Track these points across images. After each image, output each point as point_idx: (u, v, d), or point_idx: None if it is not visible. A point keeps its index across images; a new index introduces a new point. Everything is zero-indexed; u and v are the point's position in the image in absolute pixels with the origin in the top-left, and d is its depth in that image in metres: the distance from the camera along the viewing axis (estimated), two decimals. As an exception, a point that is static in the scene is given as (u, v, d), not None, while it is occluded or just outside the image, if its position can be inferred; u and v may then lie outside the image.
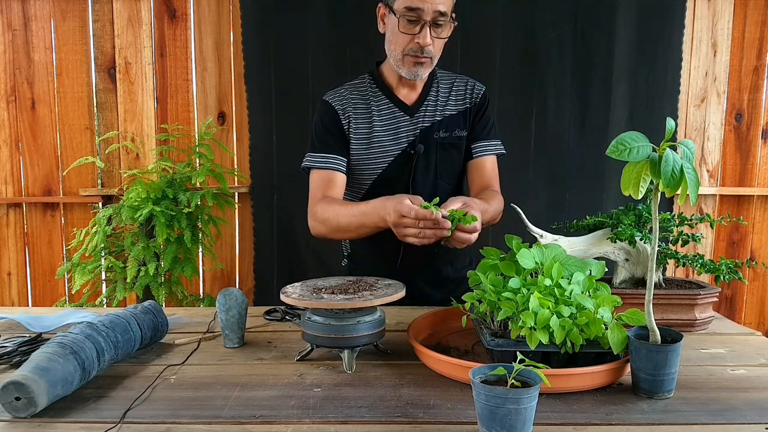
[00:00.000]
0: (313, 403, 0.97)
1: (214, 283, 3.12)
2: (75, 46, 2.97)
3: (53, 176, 3.04)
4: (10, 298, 3.13)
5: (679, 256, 1.35)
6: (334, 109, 1.62)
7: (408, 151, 1.61)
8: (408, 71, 1.55)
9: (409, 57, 1.52)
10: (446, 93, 1.65)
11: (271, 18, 2.84)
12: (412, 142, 1.61)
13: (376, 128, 1.61)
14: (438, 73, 1.68)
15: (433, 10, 1.46)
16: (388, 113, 1.62)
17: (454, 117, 1.64)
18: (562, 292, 1.07)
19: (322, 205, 1.54)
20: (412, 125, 1.62)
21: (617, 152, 0.89)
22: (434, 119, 1.62)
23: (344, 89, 1.66)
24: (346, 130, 1.62)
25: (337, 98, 1.64)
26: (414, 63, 1.53)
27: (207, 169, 2.65)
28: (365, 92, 1.64)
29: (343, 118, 1.62)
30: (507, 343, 1.05)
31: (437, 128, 1.62)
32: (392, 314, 1.44)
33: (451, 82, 1.68)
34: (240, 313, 1.25)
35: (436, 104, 1.63)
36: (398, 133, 1.61)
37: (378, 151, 1.61)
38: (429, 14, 1.46)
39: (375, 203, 1.38)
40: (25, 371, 0.92)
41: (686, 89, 2.94)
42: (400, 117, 1.62)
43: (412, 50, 1.51)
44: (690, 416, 0.92)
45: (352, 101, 1.63)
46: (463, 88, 1.67)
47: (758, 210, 3.06)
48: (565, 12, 2.82)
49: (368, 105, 1.63)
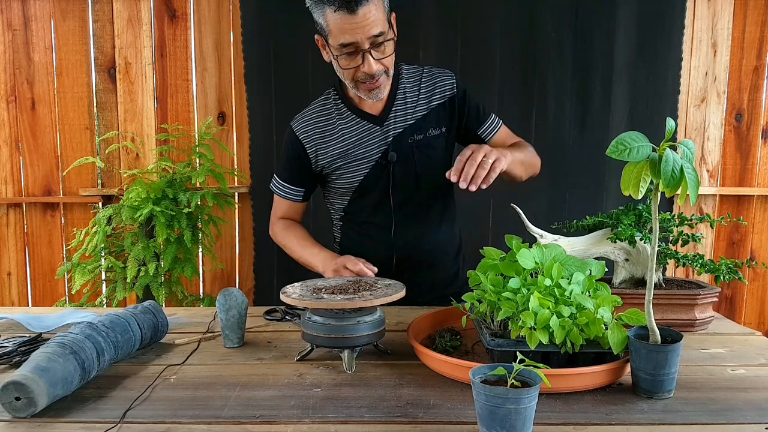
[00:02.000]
0: (313, 403, 0.97)
1: (214, 283, 3.12)
2: (75, 46, 2.97)
3: (53, 176, 3.04)
4: (10, 298, 3.13)
5: (679, 256, 1.35)
6: (298, 139, 1.60)
7: (381, 162, 1.58)
8: (366, 95, 1.50)
9: (362, 83, 1.47)
10: (414, 93, 1.59)
11: (271, 18, 2.84)
12: (385, 151, 1.57)
13: (347, 143, 1.58)
14: (402, 72, 1.61)
15: (368, 38, 1.37)
16: (357, 127, 1.58)
17: (427, 116, 1.59)
18: (562, 292, 1.07)
19: (280, 227, 1.72)
20: (383, 134, 1.57)
21: (617, 152, 0.89)
22: (405, 123, 1.58)
23: (310, 110, 1.63)
24: (312, 158, 1.61)
25: (302, 125, 1.61)
26: (369, 89, 1.48)
27: (207, 169, 2.65)
28: (330, 110, 1.61)
29: (308, 147, 1.60)
30: (507, 343, 1.05)
31: (410, 132, 1.58)
32: (392, 314, 1.44)
33: (418, 79, 1.61)
34: (240, 313, 1.25)
35: (405, 107, 1.58)
36: (370, 144, 1.58)
37: (352, 164, 1.59)
38: (365, 43, 1.38)
39: (318, 259, 1.57)
40: (25, 371, 0.92)
41: (686, 89, 2.94)
42: (370, 128, 1.58)
43: (361, 78, 1.46)
44: (690, 416, 0.92)
45: (318, 125, 1.60)
46: (431, 83, 1.60)
47: (758, 210, 3.06)
48: (565, 12, 2.82)
49: (335, 124, 1.59)
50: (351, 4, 1.32)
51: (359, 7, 1.33)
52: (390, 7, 1.44)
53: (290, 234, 1.69)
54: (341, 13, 1.34)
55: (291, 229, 1.70)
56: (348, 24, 1.35)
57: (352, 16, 1.34)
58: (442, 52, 2.85)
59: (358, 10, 1.33)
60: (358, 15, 1.34)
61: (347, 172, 1.61)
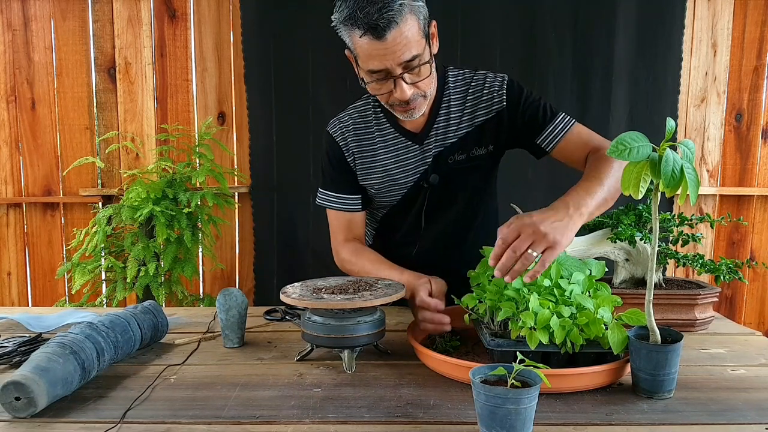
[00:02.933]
0: (313, 403, 0.97)
1: (214, 283, 3.12)
2: (75, 46, 2.97)
3: (53, 176, 3.04)
4: (10, 298, 3.13)
5: (679, 256, 1.35)
6: (337, 144, 1.46)
7: (420, 184, 1.44)
8: (402, 116, 1.34)
9: (397, 107, 1.31)
10: (459, 105, 1.41)
11: (271, 18, 2.84)
12: (424, 172, 1.43)
13: (385, 160, 1.44)
14: (449, 80, 1.43)
15: (399, 63, 1.20)
16: (395, 143, 1.43)
17: (471, 134, 1.40)
18: (561, 292, 1.07)
19: (348, 253, 1.46)
20: (422, 154, 1.42)
21: (617, 152, 0.89)
22: (446, 142, 1.41)
23: (347, 116, 1.48)
24: (352, 166, 1.47)
25: (340, 130, 1.47)
26: (404, 111, 1.31)
27: (207, 169, 2.65)
28: (369, 119, 1.45)
29: (347, 155, 1.46)
30: (507, 343, 1.05)
31: (450, 152, 1.41)
32: (392, 314, 1.44)
33: (465, 89, 1.42)
34: (240, 313, 1.25)
35: (448, 124, 1.41)
36: (407, 163, 1.43)
37: (389, 184, 1.46)
38: (397, 69, 1.21)
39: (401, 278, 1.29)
40: (25, 371, 0.92)
41: (686, 89, 2.94)
42: (409, 146, 1.42)
43: (395, 103, 1.30)
44: (690, 416, 0.92)
45: (356, 132, 1.45)
46: (478, 95, 1.41)
47: (758, 210, 3.06)
48: (565, 12, 2.82)
49: (373, 134, 1.45)
50: (378, 30, 1.15)
51: (388, 32, 1.15)
52: (428, 18, 1.24)
53: (362, 259, 1.43)
54: (368, 38, 1.17)
55: (361, 253, 1.45)
56: (376, 50, 1.18)
57: (381, 41, 1.17)
58: (442, 52, 2.83)
59: (387, 36, 1.16)
60: (387, 41, 1.17)
61: (384, 191, 1.48)
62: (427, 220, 1.49)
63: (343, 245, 1.49)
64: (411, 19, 1.18)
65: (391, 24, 1.15)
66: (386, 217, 1.55)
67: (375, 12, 1.14)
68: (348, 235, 1.49)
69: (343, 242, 1.49)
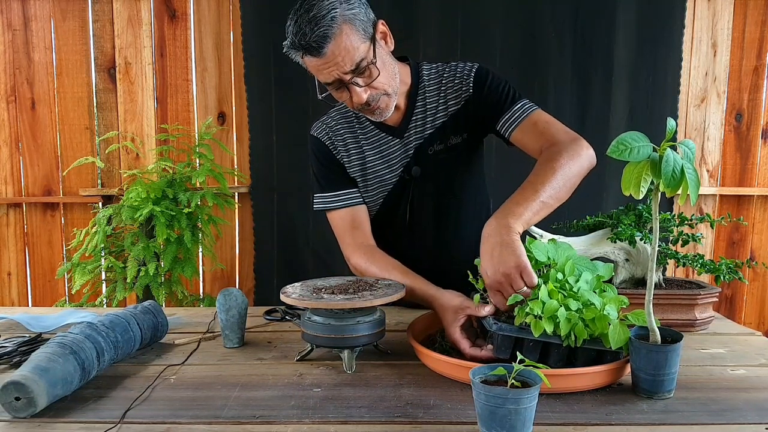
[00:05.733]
0: (313, 403, 0.96)
1: (214, 283, 3.12)
2: (75, 46, 2.97)
3: (53, 176, 3.04)
4: (10, 298, 3.13)
5: (679, 256, 1.35)
6: (324, 144, 1.51)
7: (404, 177, 1.48)
8: (372, 117, 1.40)
9: (363, 110, 1.36)
10: (434, 97, 1.45)
11: (271, 18, 2.84)
12: (407, 164, 1.47)
13: (370, 157, 1.49)
14: (423, 75, 1.47)
15: (344, 72, 1.26)
16: (377, 139, 1.48)
17: (447, 124, 1.45)
18: (570, 288, 1.07)
19: (360, 258, 1.41)
20: (404, 147, 1.47)
21: (618, 152, 0.89)
22: (425, 134, 1.45)
23: (330, 118, 1.53)
24: (341, 162, 1.51)
25: (325, 131, 1.52)
26: (371, 113, 1.37)
27: (207, 169, 2.65)
28: (351, 119, 1.50)
29: (335, 152, 1.50)
30: (510, 328, 1.04)
31: (429, 143, 1.45)
32: (392, 314, 1.44)
33: (438, 80, 1.46)
34: (240, 313, 1.25)
35: (425, 116, 1.45)
36: (391, 158, 1.48)
37: (375, 181, 1.49)
38: (345, 77, 1.27)
39: (426, 295, 1.25)
40: (25, 371, 0.92)
41: (686, 89, 2.95)
42: (390, 141, 1.47)
43: (358, 107, 1.35)
44: (690, 416, 0.92)
45: (340, 133, 1.50)
46: (450, 84, 1.45)
47: (758, 210, 3.06)
48: (565, 12, 2.82)
49: (356, 133, 1.50)
50: (314, 49, 1.23)
51: (324, 47, 1.22)
52: (372, 20, 1.30)
53: (377, 263, 1.38)
54: (309, 57, 1.25)
55: (376, 260, 1.39)
56: (320, 66, 1.26)
57: (321, 57, 1.24)
58: (442, 52, 2.85)
59: (325, 51, 1.22)
60: (327, 55, 1.23)
61: (371, 189, 1.50)
62: (414, 212, 1.51)
63: (355, 251, 1.44)
64: (347, 29, 1.23)
65: (325, 39, 1.22)
66: (377, 215, 1.55)
67: (309, 32, 1.22)
68: (357, 236, 1.46)
69: (354, 247, 1.44)
